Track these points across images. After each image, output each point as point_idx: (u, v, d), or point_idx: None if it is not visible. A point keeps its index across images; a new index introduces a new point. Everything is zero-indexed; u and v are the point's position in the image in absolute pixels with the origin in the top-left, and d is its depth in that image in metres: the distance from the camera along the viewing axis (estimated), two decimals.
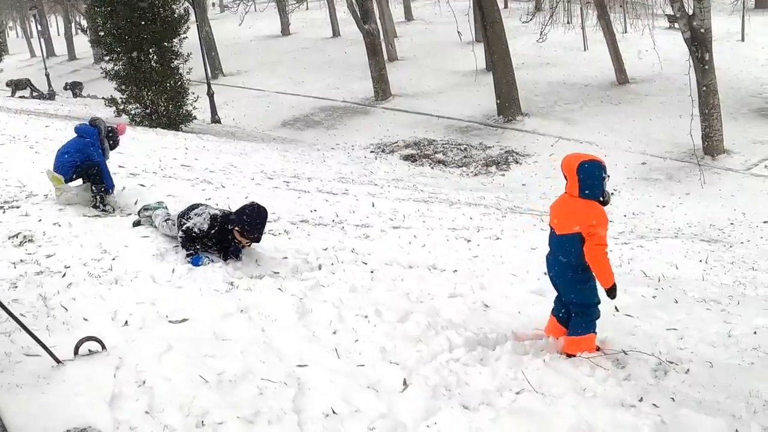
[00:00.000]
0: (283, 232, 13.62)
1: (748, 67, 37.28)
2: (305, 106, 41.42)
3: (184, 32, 31.39)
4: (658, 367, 8.79)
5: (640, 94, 36.01)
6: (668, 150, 28.30)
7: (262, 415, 6.78)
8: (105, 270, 10.05)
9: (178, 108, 31.06)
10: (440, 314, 10.17)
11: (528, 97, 36.17)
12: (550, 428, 7.05)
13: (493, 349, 9.04)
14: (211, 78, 40.51)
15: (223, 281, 10.15)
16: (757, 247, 19.93)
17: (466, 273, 12.53)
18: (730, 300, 12.86)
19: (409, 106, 38.94)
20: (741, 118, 31.23)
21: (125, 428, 6.33)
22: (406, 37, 55.09)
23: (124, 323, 8.36)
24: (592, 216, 8.23)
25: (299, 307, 9.53)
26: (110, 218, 12.69)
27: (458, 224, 17.42)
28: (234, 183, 18.15)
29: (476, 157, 30.78)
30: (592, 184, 8.25)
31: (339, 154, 31.18)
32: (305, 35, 62.49)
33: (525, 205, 23.14)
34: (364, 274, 11.60)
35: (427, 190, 23.39)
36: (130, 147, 20.66)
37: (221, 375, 7.33)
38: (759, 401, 7.76)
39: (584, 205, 8.30)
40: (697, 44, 26.19)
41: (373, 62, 40.34)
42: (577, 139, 31.14)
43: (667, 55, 35.35)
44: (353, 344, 8.69)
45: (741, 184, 25.14)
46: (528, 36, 41.78)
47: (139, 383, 6.99)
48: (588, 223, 8.19)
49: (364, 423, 6.95)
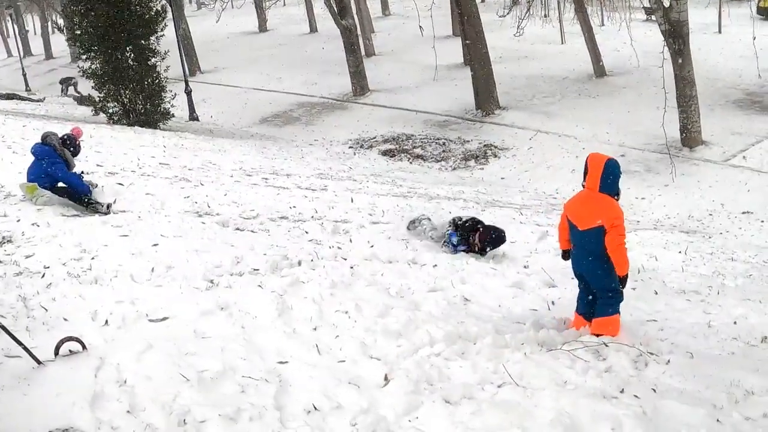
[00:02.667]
0: (262, 229, 13.62)
1: (726, 58, 37.36)
2: (283, 102, 41.35)
3: (161, 30, 31.27)
4: (638, 358, 8.82)
5: (617, 87, 36.06)
6: (646, 142, 28.34)
7: (243, 413, 6.79)
8: (84, 270, 10.04)
9: (155, 106, 30.95)
10: (420, 308, 10.19)
11: (506, 91, 36.19)
12: (532, 421, 7.07)
13: (474, 343, 9.06)
14: (189, 75, 40.38)
15: (202, 279, 10.15)
16: (736, 238, 20.02)
17: (446, 267, 12.54)
18: (709, 290, 12.92)
19: (387, 101, 38.92)
20: (719, 109, 31.29)
21: (107, 428, 6.32)
22: (384, 32, 55.08)
23: (104, 323, 8.36)
24: (613, 211, 8.96)
25: (279, 304, 9.54)
26: (89, 217, 12.67)
27: None
28: (213, 180, 18.12)
29: (455, 151, 30.77)
30: (612, 181, 9.04)
31: (317, 150, 31.14)
32: (282, 31, 62.43)
33: (504, 198, 23.14)
34: (344, 269, 11.63)
35: (406, 185, 23.38)
36: (108, 146, 20.62)
37: (202, 373, 7.33)
38: (740, 391, 7.80)
39: (605, 201, 9.04)
40: (675, 36, 26.21)
41: (351, 58, 40.27)
42: (555, 132, 31.17)
43: (645, 47, 35.43)
44: (334, 340, 8.71)
45: (719, 175, 25.19)
46: (505, 30, 41.71)
47: (120, 383, 6.98)
48: (612, 217, 8.91)
49: (346, 418, 6.97)
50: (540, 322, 10.05)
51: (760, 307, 12.21)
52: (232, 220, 13.80)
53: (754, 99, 32.10)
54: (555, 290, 11.72)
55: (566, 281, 12.11)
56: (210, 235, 12.56)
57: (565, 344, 9.09)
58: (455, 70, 41.07)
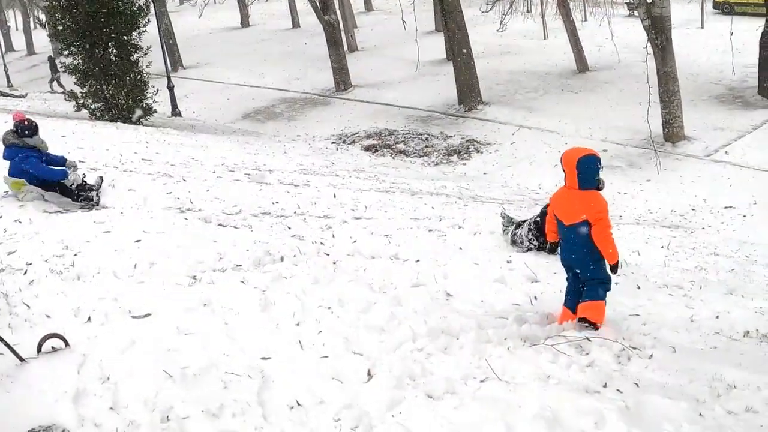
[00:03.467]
0: (244, 225, 13.61)
1: (708, 54, 37.45)
2: (266, 97, 41.28)
3: (143, 25, 31.17)
4: (621, 352, 8.85)
5: (600, 82, 36.12)
6: (628, 137, 28.41)
7: (226, 409, 6.80)
8: (67, 266, 10.03)
9: (138, 102, 30.87)
10: (403, 304, 10.18)
11: (488, 86, 36.19)
12: (515, 415, 7.09)
13: (457, 338, 9.07)
14: (171, 71, 40.19)
15: (185, 275, 10.15)
16: (718, 233, 20.11)
17: (429, 262, 12.53)
18: (692, 285, 12.97)
19: (370, 97, 38.89)
20: (701, 104, 31.38)
21: (90, 425, 6.32)
22: (366, 27, 55.09)
23: (87, 319, 8.36)
24: (596, 205, 9.06)
25: (262, 300, 9.55)
26: (71, 214, 12.65)
27: (420, 214, 17.42)
28: (195, 176, 18.09)
29: (437, 146, 30.79)
30: (590, 176, 9.06)
31: (300, 146, 31.11)
32: (265, 27, 62.31)
33: (487, 193, 23.16)
34: (327, 265, 11.61)
35: (389, 180, 23.38)
36: (91, 142, 20.57)
37: (185, 369, 7.33)
38: (722, 385, 7.83)
39: (586, 196, 9.10)
40: (657, 32, 26.27)
41: (334, 53, 40.21)
42: (537, 127, 31.22)
43: (627, 43, 35.50)
44: (317, 335, 8.72)
45: (701, 170, 25.28)
46: (488, 25, 41.79)
47: (103, 379, 6.99)
48: (594, 211, 9.02)
49: (329, 414, 6.98)
50: (523, 317, 10.05)
51: (743, 301, 12.27)
52: (215, 216, 13.77)
53: (736, 94, 32.21)
54: (538, 285, 11.73)
55: (549, 276, 12.15)
56: (192, 231, 12.53)
57: (548, 339, 9.11)
58: (438, 66, 41.10)
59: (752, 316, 11.32)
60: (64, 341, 7.46)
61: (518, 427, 6.90)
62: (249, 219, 14.07)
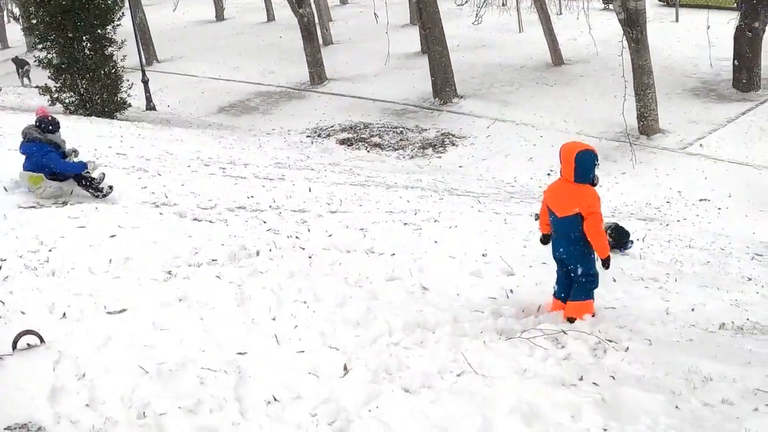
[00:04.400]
0: (220, 220, 13.58)
1: (683, 47, 37.49)
2: (241, 91, 41.14)
3: (117, 19, 31.05)
4: (597, 345, 8.91)
5: (575, 75, 36.15)
6: (603, 130, 28.45)
7: (203, 404, 6.79)
8: (42, 262, 9.98)
9: (112, 96, 30.73)
10: (379, 298, 10.21)
11: (464, 80, 36.15)
12: (492, 409, 7.11)
13: (433, 332, 9.11)
14: (146, 65, 40.01)
15: (160, 270, 10.13)
16: (694, 225, 20.21)
17: (404, 256, 12.55)
18: (667, 278, 13.05)
19: (345, 90, 38.80)
20: (676, 97, 31.45)
21: (66, 422, 6.30)
22: (341, 20, 54.94)
23: (62, 316, 8.33)
24: (589, 199, 9.40)
25: (238, 294, 9.56)
26: (45, 209, 12.59)
27: (396, 207, 17.43)
28: (170, 170, 18.05)
29: (412, 139, 30.76)
30: (586, 171, 9.41)
31: (275, 140, 31.04)
32: (240, 20, 62.03)
33: (462, 187, 23.18)
34: (302, 259, 11.62)
35: (364, 174, 23.37)
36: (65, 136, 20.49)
37: (161, 365, 7.32)
38: (698, 377, 7.88)
39: (581, 190, 9.45)
40: (632, 25, 26.32)
41: (309, 46, 40.05)
42: (513, 120, 31.22)
43: (602, 36, 35.54)
44: (293, 330, 8.73)
45: (676, 163, 25.35)
46: (463, 18, 41.76)
47: (79, 376, 6.97)
48: (587, 205, 9.34)
49: (306, 409, 6.98)
50: (499, 310, 10.10)
51: (718, 293, 12.38)
52: (190, 211, 13.73)
53: (711, 87, 32.29)
54: (513, 278, 11.78)
55: (524, 269, 12.20)
56: (168, 225, 12.49)
57: (524, 332, 9.16)
58: (413, 59, 41.07)
59: (728, 308, 11.42)
60: (39, 338, 7.43)
61: (495, 420, 6.93)
62: (224, 213, 14.05)
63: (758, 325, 10.33)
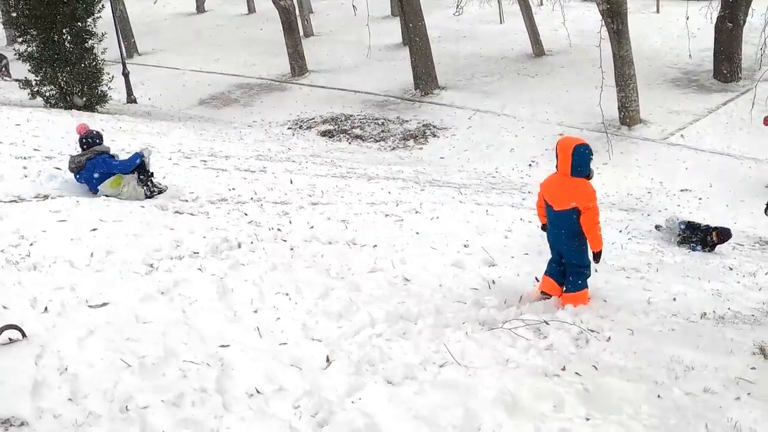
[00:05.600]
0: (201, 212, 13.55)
1: (664, 38, 37.51)
2: (221, 83, 41.01)
3: (98, 12, 30.91)
4: (579, 335, 8.95)
5: (556, 66, 36.15)
6: (585, 121, 28.46)
7: (186, 397, 6.78)
8: (23, 256, 9.92)
9: (93, 89, 30.62)
10: (361, 289, 10.24)
11: (445, 71, 36.13)
12: (475, 399, 7.13)
13: (415, 323, 9.13)
14: (126, 57, 39.81)
15: (142, 263, 10.10)
16: (675, 215, 20.24)
17: (386, 247, 12.56)
18: (648, 267, 13.10)
19: (326, 82, 38.74)
20: (657, 88, 31.48)
21: (49, 416, 6.28)
22: (322, 12, 54.81)
23: (44, 310, 8.28)
24: (586, 194, 9.76)
25: (220, 287, 9.55)
26: (26, 203, 12.53)
27: (377, 199, 17.43)
28: (151, 163, 17.99)
29: (394, 131, 30.75)
30: (582, 165, 9.73)
31: (256, 132, 30.98)
32: (220, 12, 61.83)
33: (444, 178, 23.19)
34: (284, 251, 11.62)
35: (345, 166, 23.35)
36: (46, 130, 20.42)
37: (143, 358, 7.30)
38: (680, 366, 7.93)
39: (577, 184, 9.76)
40: (613, 16, 26.34)
41: (289, 38, 39.96)
42: (494, 111, 31.22)
43: (584, 27, 35.58)
44: (275, 322, 8.73)
45: (657, 153, 25.42)
46: (444, 9, 41.78)
47: (62, 370, 6.94)
48: (585, 200, 9.71)
49: (289, 401, 6.99)
50: (481, 301, 10.13)
51: (699, 283, 12.42)
52: (171, 204, 13.70)
53: (691, 78, 32.35)
54: (495, 269, 11.80)
55: (506, 260, 12.22)
56: (149, 218, 12.44)
57: (506, 323, 9.20)
58: (394, 50, 41.03)
59: (709, 298, 11.47)
60: (21, 332, 7.40)
61: (478, 411, 6.94)
62: (206, 206, 14.01)
63: (739, 315, 10.37)
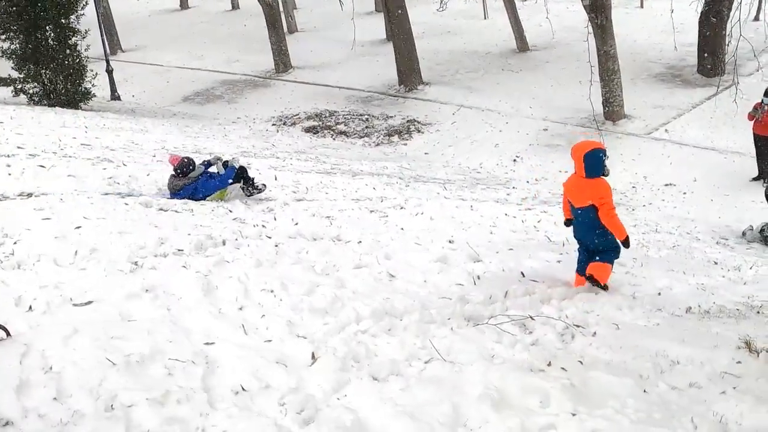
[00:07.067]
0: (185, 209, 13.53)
1: (648, 33, 37.57)
2: (205, 80, 40.94)
3: (81, 8, 30.86)
4: (564, 330, 8.97)
5: (540, 62, 36.16)
6: (569, 116, 28.51)
7: (171, 395, 6.76)
8: (7, 255, 9.89)
9: (76, 86, 30.58)
10: (346, 285, 10.22)
11: (429, 66, 36.13)
12: (461, 395, 7.14)
13: (401, 319, 9.12)
14: (110, 54, 39.72)
15: (127, 261, 10.08)
16: (659, 210, 20.32)
17: (371, 243, 12.56)
18: (633, 262, 13.11)
19: (310, 78, 38.70)
20: (641, 83, 31.53)
21: (34, 416, 6.26)
22: (306, 8, 54.71)
23: (28, 308, 8.26)
24: (600, 192, 10.50)
25: (204, 284, 9.52)
26: (10, 201, 12.50)
27: (362, 195, 17.45)
28: (135, 161, 17.97)
29: (378, 127, 30.77)
30: (594, 167, 10.47)
31: (240, 128, 30.96)
32: (204, 9, 61.61)
33: (428, 173, 23.21)
34: (269, 248, 11.59)
35: (330, 162, 23.36)
36: (29, 127, 20.38)
37: (129, 357, 7.28)
38: (665, 361, 7.95)
39: (592, 184, 10.51)
40: (597, 11, 26.37)
41: (273, 34, 39.88)
42: (478, 107, 31.23)
43: (567, 22, 35.62)
44: (260, 319, 8.71)
45: (642, 148, 25.47)
46: (428, 5, 41.72)
47: (46, 369, 6.92)
48: (599, 197, 10.45)
49: (275, 398, 6.98)
50: (466, 296, 10.13)
51: (684, 278, 12.45)
52: (155, 201, 13.67)
53: (675, 73, 32.40)
54: (480, 264, 11.79)
55: (491, 255, 12.22)
56: (133, 216, 12.41)
57: (492, 318, 9.20)
58: (378, 46, 41.02)
59: (694, 292, 11.51)
60: (5, 331, 7.38)
61: (464, 407, 6.95)
62: (190, 203, 14.00)
63: (724, 309, 10.39)
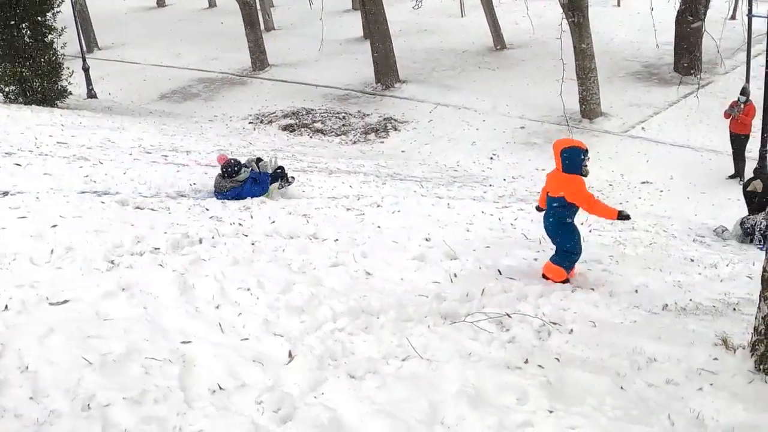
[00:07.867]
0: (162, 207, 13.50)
1: (624, 31, 37.76)
2: (183, 78, 40.90)
3: (57, 5, 30.75)
4: (541, 328, 9.00)
5: (517, 60, 36.29)
6: (545, 114, 28.62)
7: (148, 395, 6.74)
8: None
9: (52, 84, 30.47)
10: (323, 284, 10.21)
11: (406, 65, 36.20)
12: (437, 393, 7.15)
13: (377, 317, 9.13)
14: (87, 52, 39.55)
15: (103, 259, 10.05)
16: (636, 207, 20.42)
17: (347, 241, 12.54)
18: (610, 259, 13.15)
19: (287, 76, 38.71)
20: (618, 81, 31.71)
21: (10, 416, 6.24)
22: (283, 6, 54.66)
23: (4, 308, 8.22)
24: (571, 186, 10.96)
25: (181, 283, 9.49)
26: None
27: (338, 193, 17.46)
28: (112, 159, 17.93)
29: (355, 125, 30.83)
30: (571, 164, 10.98)
31: (217, 126, 30.94)
32: (181, 6, 61.47)
33: (405, 171, 23.25)
34: (245, 246, 11.57)
35: (307, 160, 23.37)
36: (5, 125, 20.32)
37: (105, 356, 7.25)
38: (642, 358, 7.98)
39: (566, 178, 11.03)
40: (574, 9, 26.48)
41: (250, 32, 39.88)
42: (455, 104, 31.32)
43: (544, 20, 35.68)
44: (237, 318, 8.69)
45: (618, 146, 25.62)
46: (405, 3, 41.82)
47: (22, 369, 6.89)
48: (569, 190, 10.94)
49: (251, 396, 6.96)
50: (443, 294, 10.14)
51: (661, 275, 12.50)
52: (132, 199, 13.62)
53: (652, 71, 32.60)
54: (457, 262, 11.79)
55: (468, 253, 12.23)
56: (110, 214, 12.37)
57: (468, 316, 9.21)
58: (355, 44, 41.05)
59: (671, 289, 11.55)
60: None
61: (441, 404, 6.96)
62: (166, 201, 13.97)
63: (701, 306, 10.44)
